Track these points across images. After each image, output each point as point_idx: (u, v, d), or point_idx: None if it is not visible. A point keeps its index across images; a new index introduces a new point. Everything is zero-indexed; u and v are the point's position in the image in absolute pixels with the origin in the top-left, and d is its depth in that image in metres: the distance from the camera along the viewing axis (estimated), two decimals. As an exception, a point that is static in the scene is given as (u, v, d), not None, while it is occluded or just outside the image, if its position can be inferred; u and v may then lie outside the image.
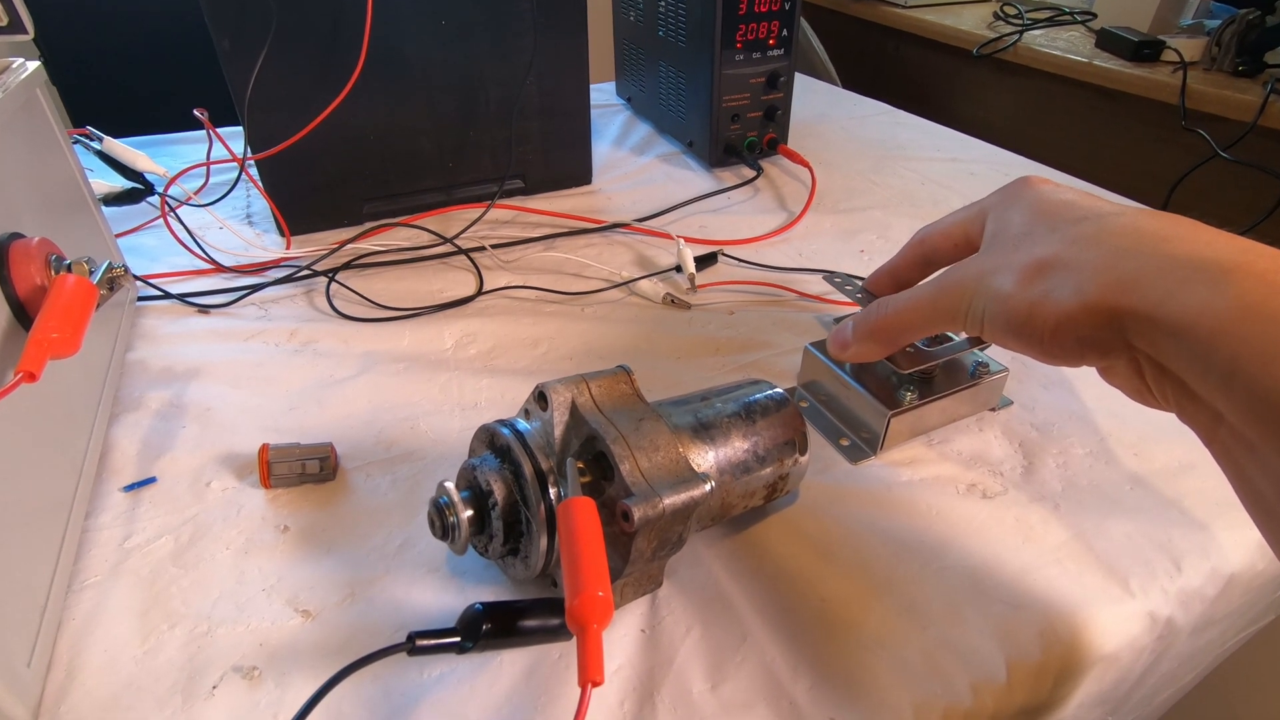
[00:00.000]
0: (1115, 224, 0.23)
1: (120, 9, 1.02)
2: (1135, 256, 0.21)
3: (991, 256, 0.26)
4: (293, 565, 0.30)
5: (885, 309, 0.30)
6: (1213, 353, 0.19)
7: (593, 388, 0.27)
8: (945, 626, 0.28)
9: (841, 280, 0.40)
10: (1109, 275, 0.21)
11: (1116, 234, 0.22)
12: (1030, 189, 0.27)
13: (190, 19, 0.99)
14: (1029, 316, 0.23)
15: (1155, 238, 0.22)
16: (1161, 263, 0.21)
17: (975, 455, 0.36)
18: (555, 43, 0.57)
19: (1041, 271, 0.23)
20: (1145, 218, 0.23)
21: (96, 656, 0.26)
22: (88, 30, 1.01)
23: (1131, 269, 0.21)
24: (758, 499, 0.30)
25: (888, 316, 0.30)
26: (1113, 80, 1.15)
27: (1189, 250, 0.21)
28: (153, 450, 0.36)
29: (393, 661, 0.25)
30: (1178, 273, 0.20)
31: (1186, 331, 0.19)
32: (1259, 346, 0.18)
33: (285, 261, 0.52)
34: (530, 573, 0.27)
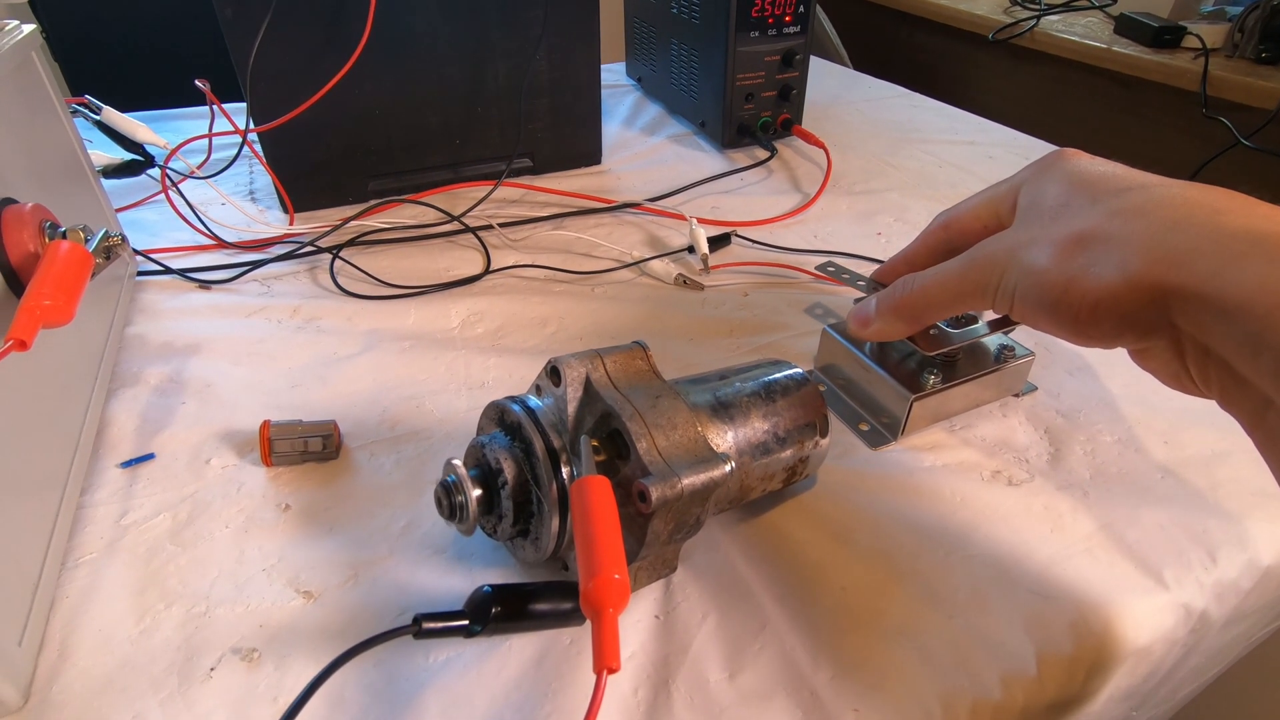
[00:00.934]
0: (1163, 195, 0.21)
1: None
2: (1185, 230, 0.20)
3: (1026, 229, 0.25)
4: (294, 545, 0.29)
5: (911, 285, 0.28)
6: (1267, 332, 0.17)
7: (608, 363, 0.25)
8: (971, 616, 0.26)
9: (835, 270, 0.39)
10: (1157, 250, 0.20)
11: (1165, 205, 0.21)
12: (1067, 160, 0.26)
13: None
14: (1065, 292, 0.22)
15: (1208, 210, 0.20)
16: (1215, 236, 0.19)
17: (1000, 441, 0.35)
18: (566, 15, 0.56)
19: (1081, 244, 0.22)
20: (1195, 190, 0.21)
21: (90, 636, 0.25)
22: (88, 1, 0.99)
23: (1181, 243, 0.20)
24: (776, 482, 0.29)
25: (914, 293, 0.28)
26: (1132, 67, 1.12)
27: (1244, 224, 0.19)
28: (151, 426, 0.35)
29: (397, 645, 0.24)
30: (1233, 247, 0.19)
31: (1239, 310, 0.18)
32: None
33: (289, 238, 0.51)
34: (541, 555, 0.26)
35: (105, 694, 0.23)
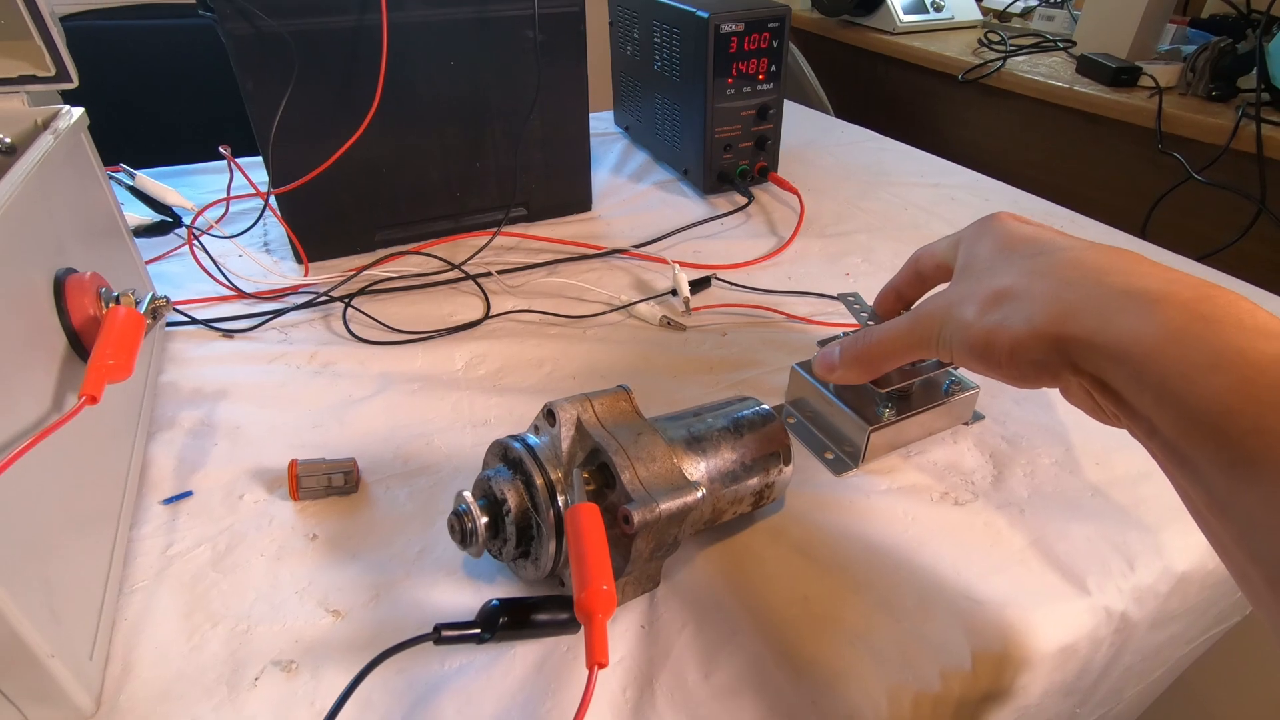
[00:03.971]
0: (1063, 258, 0.26)
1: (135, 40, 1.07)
2: (1078, 287, 0.24)
3: (959, 287, 0.29)
4: (322, 570, 0.32)
5: (869, 338, 0.33)
6: (1144, 373, 0.22)
7: (596, 405, 0.30)
8: (917, 621, 0.30)
9: (853, 298, 0.43)
10: (1055, 305, 0.24)
11: (1064, 267, 0.25)
12: (997, 224, 0.30)
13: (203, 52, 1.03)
14: (987, 342, 0.26)
15: (1096, 270, 0.25)
16: (1100, 293, 0.24)
17: (949, 466, 0.39)
18: (557, 78, 0.61)
19: (998, 301, 0.26)
20: (1090, 252, 0.26)
21: (148, 652, 0.29)
22: (104, 62, 1.05)
23: (1074, 299, 0.24)
24: (745, 505, 0.33)
25: (870, 345, 0.33)
26: (1092, 105, 1.19)
27: (1123, 282, 0.24)
28: (188, 466, 0.38)
29: (417, 654, 0.28)
30: (1113, 303, 0.23)
31: (1121, 355, 0.22)
32: (1181, 367, 0.21)
33: (304, 288, 0.55)
34: (540, 573, 0.29)
35: (164, 702, 0.27)
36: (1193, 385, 0.20)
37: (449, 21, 0.56)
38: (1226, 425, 0.20)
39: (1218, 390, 0.20)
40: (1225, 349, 0.20)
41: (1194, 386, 0.20)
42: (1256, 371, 0.20)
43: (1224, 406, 0.20)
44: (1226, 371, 0.20)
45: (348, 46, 0.53)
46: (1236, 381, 0.20)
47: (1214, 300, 0.22)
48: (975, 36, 1.54)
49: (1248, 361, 0.20)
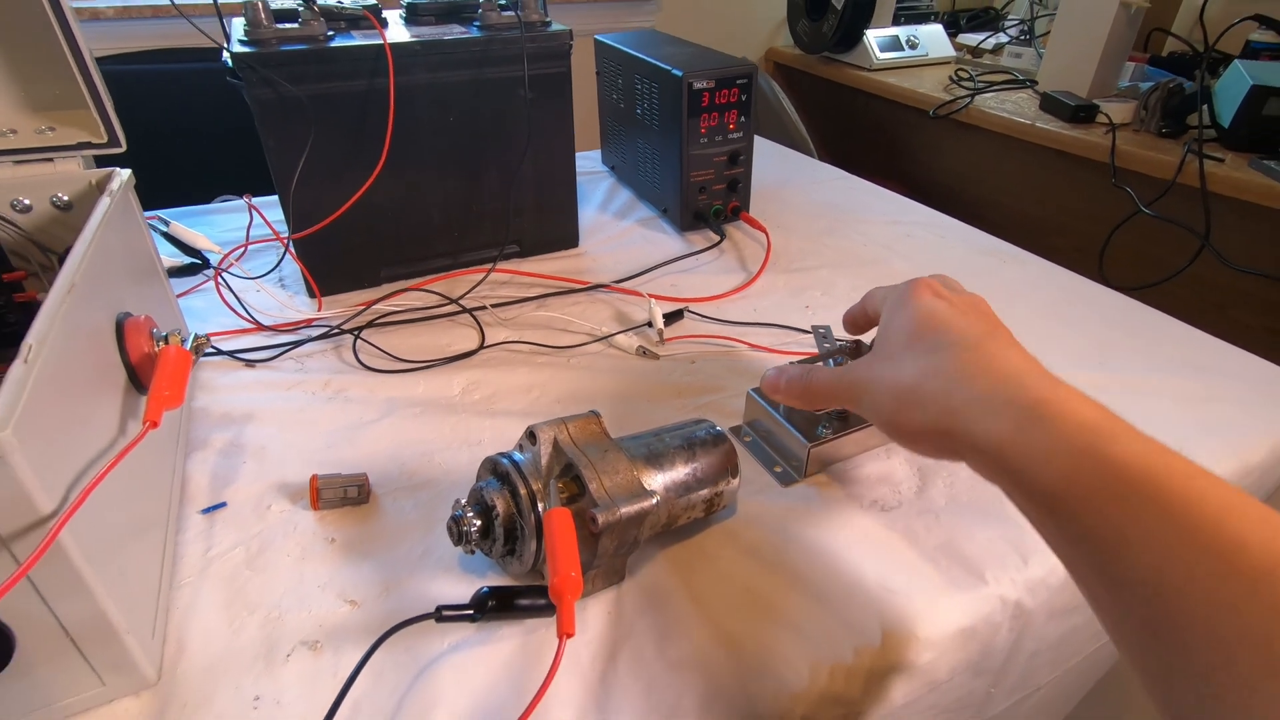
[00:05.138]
0: (952, 360, 0.31)
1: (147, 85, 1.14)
2: (959, 391, 0.29)
3: (875, 367, 0.34)
4: (340, 568, 0.38)
5: (809, 379, 0.38)
6: (999, 463, 0.27)
7: (570, 428, 0.36)
8: (840, 608, 0.36)
9: (825, 332, 0.49)
10: (942, 408, 0.30)
11: (951, 370, 0.30)
12: (914, 301, 0.34)
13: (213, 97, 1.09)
14: (896, 429, 0.32)
15: (972, 374, 0.30)
16: (973, 396, 0.29)
17: (881, 477, 0.45)
18: (546, 130, 0.68)
19: (904, 398, 0.31)
20: (971, 353, 0.30)
21: (196, 635, 0.34)
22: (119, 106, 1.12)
23: (955, 403, 0.29)
24: (699, 511, 0.39)
25: (808, 386, 0.38)
26: (1053, 140, 1.26)
27: (988, 386, 0.29)
28: (221, 481, 0.44)
29: (420, 634, 0.33)
30: (979, 406, 0.28)
31: (984, 448, 0.28)
32: (1023, 461, 0.26)
33: (317, 321, 0.61)
34: (524, 569, 0.35)
35: (212, 673, 0.33)
36: (1033, 475, 0.26)
37: (449, 83, 0.62)
38: (1059, 506, 0.25)
39: (1051, 478, 0.25)
40: (1057, 444, 0.26)
41: (1034, 476, 0.26)
42: (1081, 460, 0.25)
43: (1056, 490, 0.25)
44: (1057, 463, 0.25)
45: (359, 107, 0.60)
46: (1066, 470, 0.25)
47: (1050, 402, 0.27)
48: (948, 73, 1.62)
49: (1074, 452, 0.25)
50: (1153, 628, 0.23)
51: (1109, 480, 0.24)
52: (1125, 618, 0.24)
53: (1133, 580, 0.23)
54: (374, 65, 0.59)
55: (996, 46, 1.77)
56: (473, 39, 0.62)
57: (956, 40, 1.83)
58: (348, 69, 0.58)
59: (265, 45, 0.57)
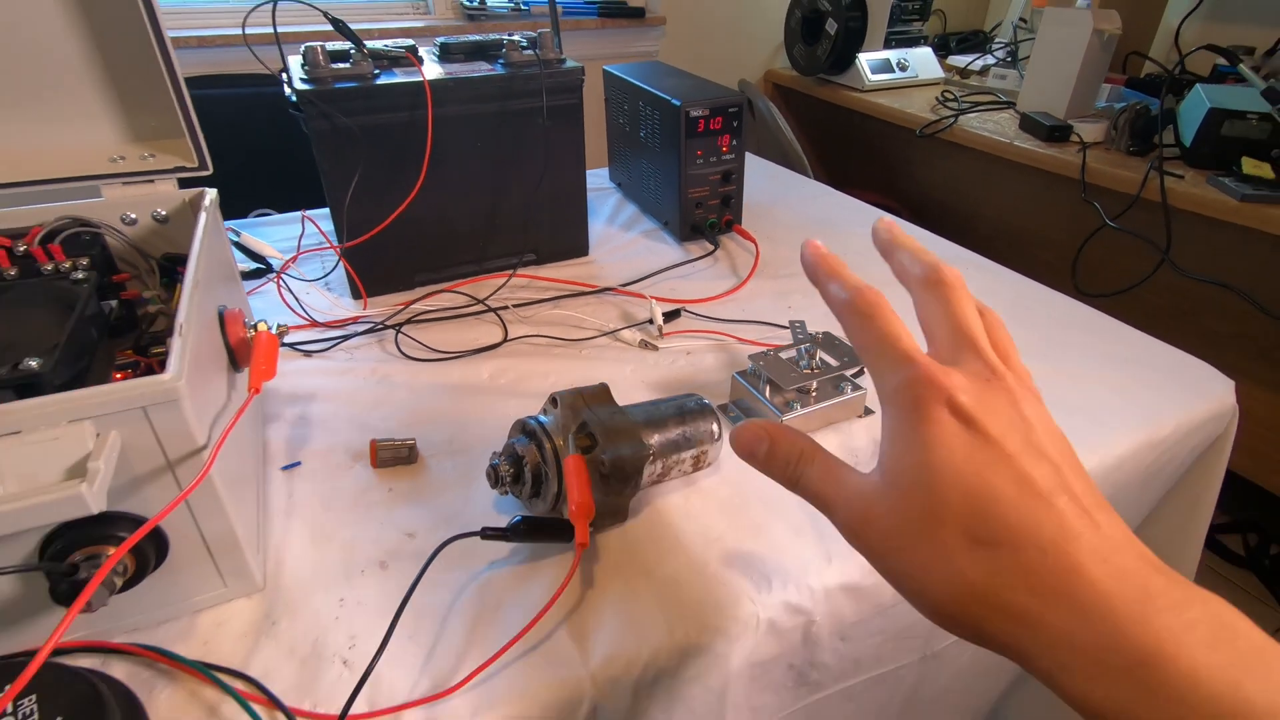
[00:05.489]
0: (1011, 572, 0.22)
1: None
2: (1024, 622, 0.22)
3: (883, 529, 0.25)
4: (398, 509, 0.47)
5: (799, 470, 0.28)
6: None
7: (584, 395, 0.45)
8: (799, 541, 0.45)
9: (799, 326, 0.58)
10: (997, 630, 0.22)
11: (1009, 584, 0.22)
12: (932, 439, 0.23)
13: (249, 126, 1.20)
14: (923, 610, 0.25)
15: (1035, 605, 0.22)
16: (1044, 638, 0.21)
17: (842, 445, 0.54)
18: (561, 153, 0.77)
19: (938, 602, 0.24)
20: (1039, 560, 0.22)
21: (290, 557, 0.44)
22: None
23: (1021, 638, 0.22)
24: (687, 467, 0.48)
25: (796, 481, 0.28)
26: (1029, 158, 1.36)
27: (1069, 623, 0.21)
28: (294, 446, 0.53)
29: (466, 554, 0.42)
30: (1058, 649, 0.21)
31: (1068, 703, 0.21)
32: None
33: (362, 319, 0.71)
34: (546, 508, 0.44)
35: (306, 583, 0.42)
36: None
37: (477, 114, 0.72)
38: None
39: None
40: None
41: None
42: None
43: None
44: None
45: (400, 134, 0.70)
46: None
47: (1168, 659, 0.19)
48: (936, 93, 1.72)
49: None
50: None
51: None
52: None
53: None
54: (414, 99, 0.68)
55: (983, 68, 1.87)
56: (498, 76, 0.72)
57: (946, 62, 1.93)
58: (392, 102, 0.68)
59: (322, 83, 0.66)
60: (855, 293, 0.27)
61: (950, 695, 0.62)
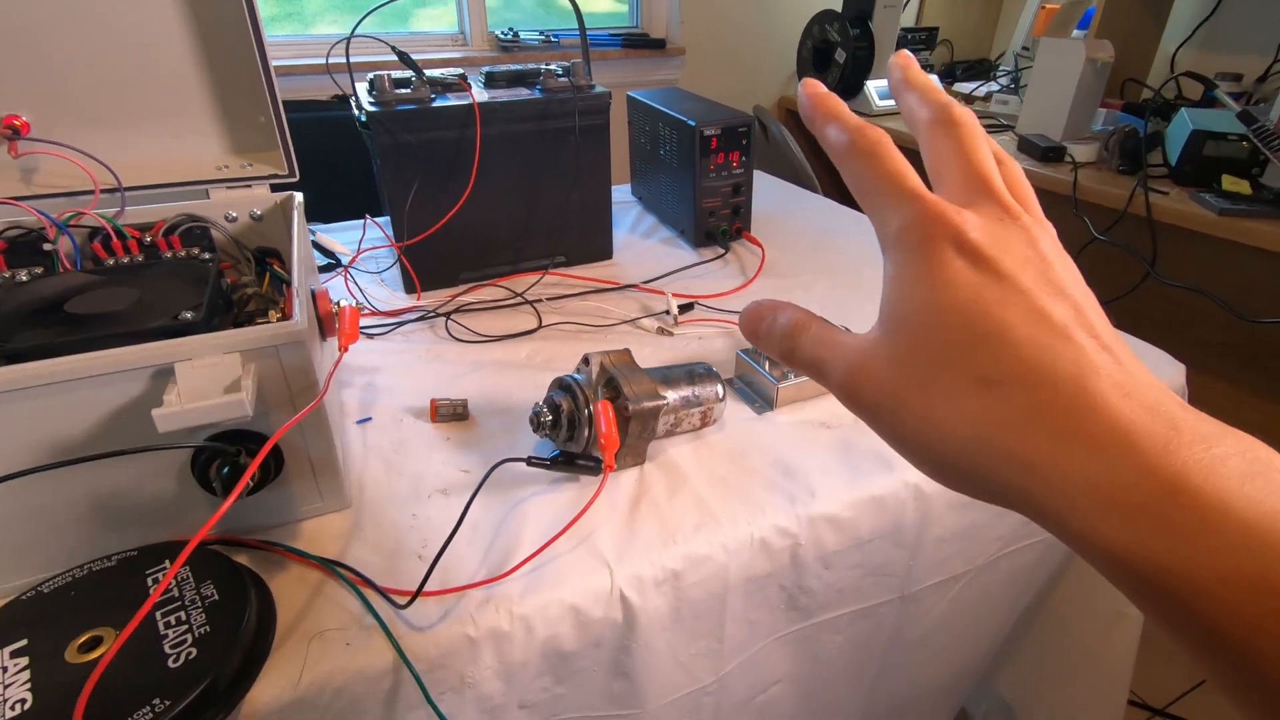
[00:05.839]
0: (1022, 408, 0.20)
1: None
2: (1038, 463, 0.20)
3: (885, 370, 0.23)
4: (454, 453, 0.57)
5: (794, 340, 0.26)
6: (1122, 572, 0.18)
7: (612, 356, 0.54)
8: (788, 479, 0.54)
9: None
10: (1007, 475, 0.20)
11: (1018, 423, 0.20)
12: (937, 268, 0.21)
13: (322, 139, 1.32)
14: (923, 465, 0.24)
15: (1048, 441, 0.19)
16: (1058, 474, 0.19)
17: (828, 410, 0.63)
18: (589, 167, 0.88)
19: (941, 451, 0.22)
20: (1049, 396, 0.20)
21: (369, 484, 0.53)
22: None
23: (1034, 479, 0.20)
24: (696, 421, 0.57)
25: (790, 352, 0.27)
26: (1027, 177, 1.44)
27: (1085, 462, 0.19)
28: (366, 405, 0.64)
29: (512, 484, 0.52)
30: (1073, 489, 0.19)
31: (1091, 550, 0.19)
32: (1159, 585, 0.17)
33: (416, 308, 0.81)
34: (579, 448, 0.54)
35: (383, 503, 0.51)
36: (1176, 602, 0.17)
37: (518, 132, 0.83)
38: (1220, 645, 0.17)
39: (1207, 612, 0.17)
40: (1211, 564, 0.17)
41: (1177, 603, 0.17)
42: (1256, 593, 0.16)
43: (1214, 626, 0.17)
44: (1213, 591, 0.17)
45: (452, 150, 0.81)
46: (1229, 602, 0.16)
47: (1192, 490, 0.17)
48: (940, 118, 1.81)
49: (1242, 579, 0.16)
50: None
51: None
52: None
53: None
54: (465, 119, 0.79)
55: (987, 95, 1.97)
56: (536, 100, 0.83)
57: (952, 89, 2.03)
58: (446, 122, 0.79)
59: (387, 106, 0.78)
60: (856, 132, 0.24)
61: (932, 643, 0.70)
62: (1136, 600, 0.18)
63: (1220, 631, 0.17)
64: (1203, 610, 0.17)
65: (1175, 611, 0.17)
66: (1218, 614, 0.17)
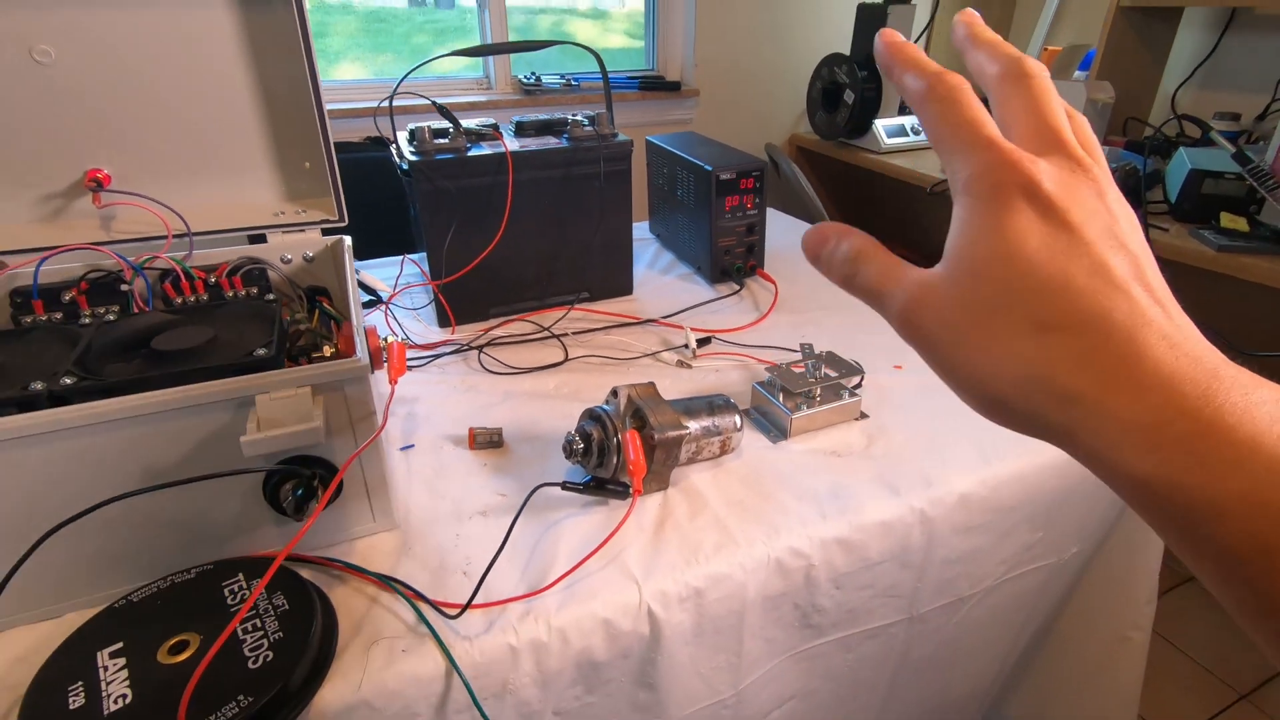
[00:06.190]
0: (1073, 352, 0.21)
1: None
2: (1081, 401, 0.21)
3: (948, 311, 0.24)
4: (492, 478, 0.62)
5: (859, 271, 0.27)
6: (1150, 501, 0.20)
7: (638, 389, 0.59)
8: (801, 482, 0.58)
9: (808, 347, 0.72)
10: (1055, 413, 0.22)
11: (1070, 365, 0.21)
12: (1006, 225, 0.22)
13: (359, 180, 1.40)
14: (973, 402, 0.24)
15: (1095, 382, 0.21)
16: (1100, 412, 0.21)
17: (841, 440, 0.67)
18: (611, 208, 0.94)
19: (994, 389, 0.23)
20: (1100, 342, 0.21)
21: (414, 507, 0.58)
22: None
23: (1076, 414, 0.21)
24: (715, 450, 0.61)
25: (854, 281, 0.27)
26: (1029, 213, 1.49)
27: (1126, 403, 0.20)
28: (408, 433, 0.68)
29: (547, 508, 0.56)
30: (1112, 427, 0.21)
31: (1124, 482, 0.21)
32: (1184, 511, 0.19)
33: (450, 342, 0.87)
34: (608, 474, 0.58)
35: (427, 524, 0.56)
36: (1198, 528, 0.19)
37: (547, 178, 0.89)
38: (1242, 571, 0.18)
39: (1229, 538, 0.18)
40: (1234, 492, 0.18)
41: (1199, 529, 0.19)
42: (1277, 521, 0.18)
43: (1236, 553, 0.18)
44: (1236, 519, 0.18)
45: (486, 194, 0.87)
46: (1251, 530, 0.18)
47: (1225, 427, 0.19)
48: (946, 155, 1.87)
49: (1264, 506, 0.18)
50: None
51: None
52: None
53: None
54: (498, 166, 0.86)
55: (992, 132, 2.03)
56: (564, 148, 0.89)
57: (958, 126, 2.09)
58: (480, 170, 0.86)
59: (427, 155, 0.84)
60: (935, 78, 0.25)
61: (941, 663, 0.73)
62: (1159, 525, 0.20)
63: (1238, 554, 0.18)
64: (1224, 533, 0.18)
65: (1198, 535, 0.19)
66: (1237, 537, 0.18)
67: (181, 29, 0.66)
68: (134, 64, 0.66)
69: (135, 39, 0.65)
